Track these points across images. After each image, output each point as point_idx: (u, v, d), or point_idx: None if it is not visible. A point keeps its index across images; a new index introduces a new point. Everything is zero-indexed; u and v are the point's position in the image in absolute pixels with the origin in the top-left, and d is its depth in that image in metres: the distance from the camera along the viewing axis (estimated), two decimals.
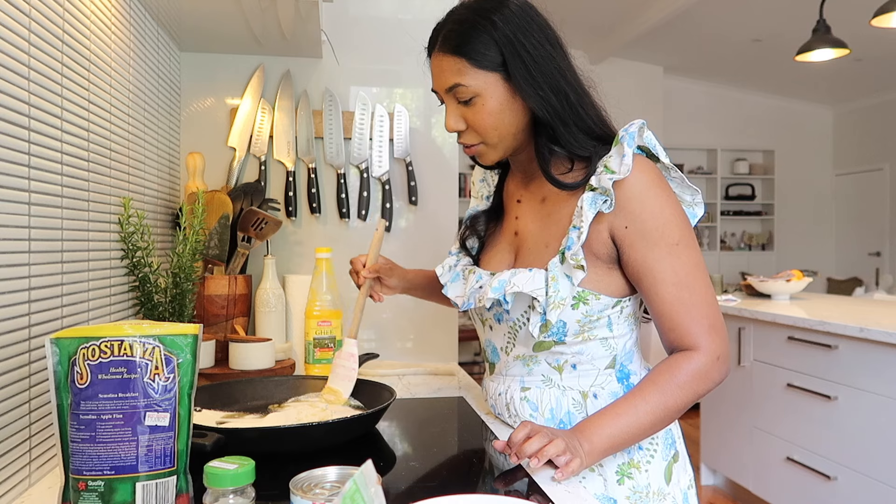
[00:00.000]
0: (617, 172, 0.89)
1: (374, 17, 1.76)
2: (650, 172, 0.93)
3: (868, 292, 5.54)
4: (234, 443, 0.87)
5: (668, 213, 0.92)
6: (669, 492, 0.99)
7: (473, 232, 1.13)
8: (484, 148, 1.00)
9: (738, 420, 3.06)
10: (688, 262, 0.92)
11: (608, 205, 0.90)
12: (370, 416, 0.98)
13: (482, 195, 1.18)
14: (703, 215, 1.00)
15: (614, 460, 0.97)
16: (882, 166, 7.43)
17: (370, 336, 1.76)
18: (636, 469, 0.97)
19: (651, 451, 0.99)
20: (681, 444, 1.04)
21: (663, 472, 0.99)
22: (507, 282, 0.95)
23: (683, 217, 0.94)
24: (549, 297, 0.92)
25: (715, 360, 0.92)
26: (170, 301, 1.33)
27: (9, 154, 0.79)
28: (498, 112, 0.95)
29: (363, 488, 0.52)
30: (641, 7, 5.57)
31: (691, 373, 0.92)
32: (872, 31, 3.95)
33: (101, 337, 0.67)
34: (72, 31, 0.98)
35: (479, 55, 0.93)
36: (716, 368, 0.93)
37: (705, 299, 0.93)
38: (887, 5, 2.99)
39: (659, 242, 0.91)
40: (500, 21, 0.92)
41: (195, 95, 1.69)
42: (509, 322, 1.00)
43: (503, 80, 0.94)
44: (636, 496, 0.97)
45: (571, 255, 0.91)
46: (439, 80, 0.98)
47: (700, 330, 0.92)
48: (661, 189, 0.93)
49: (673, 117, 7.40)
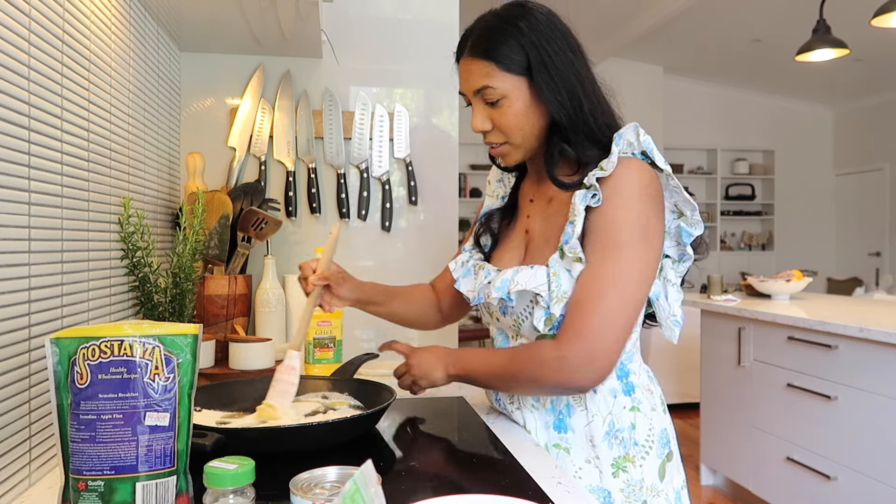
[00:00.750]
0: (605, 170, 0.94)
1: (374, 17, 1.76)
2: (636, 174, 0.95)
3: (868, 292, 5.54)
4: (233, 443, 0.87)
5: (627, 215, 0.94)
6: (663, 489, 1.02)
7: (487, 229, 1.17)
8: (508, 148, 1.04)
9: (737, 420, 3.06)
10: (614, 267, 0.93)
11: (596, 199, 0.94)
12: (370, 416, 0.98)
13: (497, 195, 1.22)
14: (702, 233, 1.01)
15: (610, 453, 1.00)
16: (882, 166, 7.43)
17: (369, 336, 1.76)
18: (631, 463, 1.00)
19: (646, 448, 1.02)
20: (674, 445, 1.07)
21: (657, 470, 1.02)
22: (511, 280, 0.99)
23: (642, 226, 0.94)
24: (551, 291, 0.96)
25: (558, 358, 0.92)
26: (170, 301, 1.33)
27: (9, 154, 0.79)
28: (523, 114, 1.00)
29: (363, 488, 0.52)
30: (641, 7, 5.57)
31: (536, 355, 0.96)
32: (872, 31, 3.95)
33: (101, 337, 0.67)
34: (72, 31, 0.98)
35: (507, 59, 0.98)
36: (555, 366, 0.93)
37: (599, 307, 0.92)
38: (887, 5, 2.99)
39: (603, 237, 0.94)
40: (526, 28, 0.97)
41: (195, 95, 1.69)
42: (513, 316, 1.04)
43: (528, 83, 0.99)
44: (629, 489, 1.00)
45: (569, 249, 0.94)
46: (468, 82, 1.02)
47: (570, 327, 0.93)
48: (635, 191, 0.94)
49: (673, 117, 7.40)
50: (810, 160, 8.10)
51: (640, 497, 1.00)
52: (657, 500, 1.01)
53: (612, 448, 1.00)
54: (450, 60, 1.09)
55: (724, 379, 3.16)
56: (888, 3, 2.99)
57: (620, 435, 1.01)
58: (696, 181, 7.93)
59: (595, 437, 1.01)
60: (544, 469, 0.88)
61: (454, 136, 1.80)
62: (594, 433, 1.01)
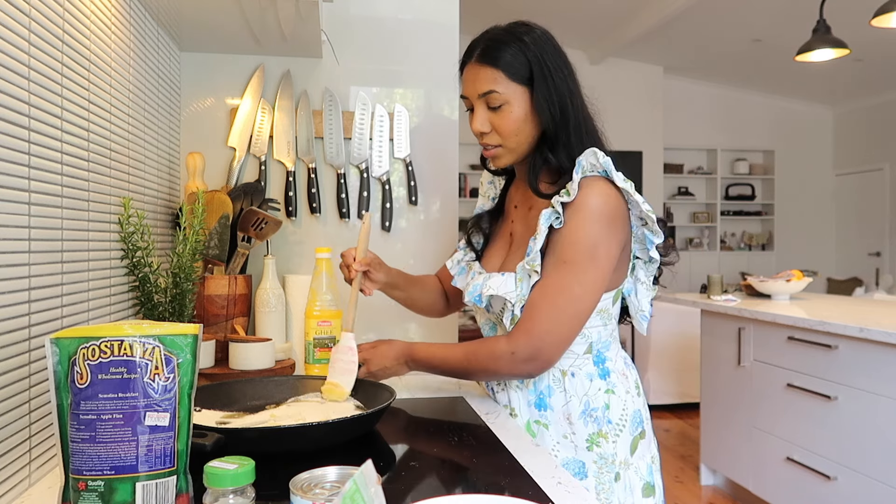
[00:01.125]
0: (569, 195, 1.05)
1: (374, 17, 1.76)
2: (594, 197, 1.05)
3: (868, 292, 5.54)
4: (234, 443, 0.87)
5: (578, 234, 1.05)
6: (633, 462, 1.13)
7: (478, 230, 1.28)
8: (502, 150, 1.13)
9: (737, 420, 3.06)
10: (561, 280, 1.05)
11: (559, 222, 1.06)
12: (370, 416, 0.98)
13: (489, 195, 1.32)
14: (663, 241, 1.11)
15: (585, 430, 1.11)
16: (882, 166, 7.43)
17: (370, 337, 1.76)
18: (604, 439, 1.11)
19: (620, 426, 1.12)
20: (648, 426, 1.18)
21: (629, 445, 1.13)
22: (483, 284, 1.13)
23: (590, 247, 1.05)
24: (519, 295, 1.09)
25: (510, 352, 1.07)
26: (170, 301, 1.33)
27: (9, 154, 0.79)
28: (521, 120, 1.09)
29: (363, 488, 0.52)
30: (641, 7, 5.57)
31: (490, 349, 1.10)
32: (872, 31, 3.95)
33: (101, 337, 0.67)
34: (72, 31, 0.98)
35: (513, 69, 1.07)
36: (507, 359, 1.07)
37: (547, 311, 1.05)
38: (887, 5, 2.99)
39: (557, 252, 1.06)
40: (531, 42, 1.08)
41: (195, 95, 1.69)
42: (493, 313, 1.17)
43: (529, 93, 1.08)
44: (602, 461, 1.11)
45: (528, 261, 1.08)
46: (473, 86, 1.11)
47: (520, 326, 1.07)
48: (591, 214, 1.05)
49: (673, 117, 7.41)
50: (810, 160, 8.10)
51: (613, 469, 1.11)
52: (628, 472, 1.12)
53: (587, 425, 1.11)
54: (450, 60, 1.12)
55: (724, 379, 3.16)
56: (888, 3, 2.99)
57: (595, 414, 1.12)
58: (696, 181, 7.93)
59: (572, 415, 1.12)
60: (544, 469, 0.88)
61: (454, 136, 1.80)
62: (571, 412, 1.12)
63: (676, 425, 4.47)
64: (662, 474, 1.21)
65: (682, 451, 3.94)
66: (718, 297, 3.22)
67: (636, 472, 1.13)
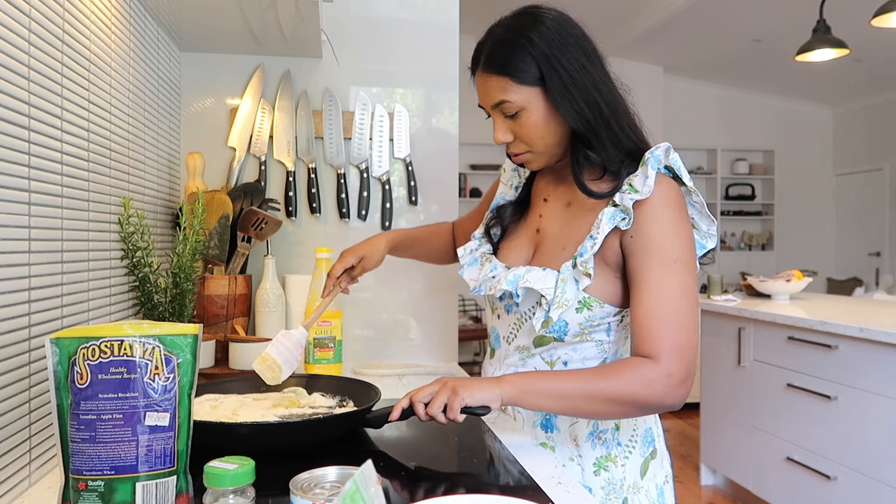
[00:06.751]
0: (639, 192, 0.95)
1: (374, 17, 1.76)
2: (669, 192, 0.97)
3: (868, 292, 5.53)
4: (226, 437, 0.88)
5: (673, 230, 0.96)
6: (643, 486, 1.05)
7: (499, 221, 1.18)
8: (532, 156, 1.05)
9: (737, 420, 3.06)
10: (678, 280, 0.94)
11: (626, 222, 0.96)
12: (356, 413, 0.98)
13: (511, 184, 1.22)
14: (715, 248, 1.03)
15: (593, 453, 1.04)
16: (882, 166, 7.43)
17: (369, 335, 1.76)
18: (613, 463, 1.04)
19: (629, 448, 1.05)
20: (660, 443, 1.10)
21: (639, 468, 1.05)
22: (522, 277, 1.01)
23: (689, 240, 0.97)
24: (555, 296, 0.98)
25: (666, 375, 0.91)
26: (170, 301, 1.33)
27: (9, 154, 0.79)
28: (543, 123, 1.00)
29: (363, 488, 0.52)
30: (641, 7, 5.57)
31: (637, 373, 0.91)
32: (872, 31, 3.95)
33: (101, 337, 0.67)
34: (72, 31, 0.98)
35: (520, 72, 0.98)
36: (663, 383, 0.90)
37: (682, 320, 0.93)
38: (887, 5, 2.99)
39: (656, 255, 0.95)
40: (536, 38, 0.97)
41: (195, 95, 1.69)
42: (517, 314, 1.07)
43: (544, 93, 0.99)
44: (610, 487, 1.04)
45: (582, 262, 0.96)
46: (486, 97, 1.03)
47: (664, 344, 0.91)
48: (674, 208, 0.97)
49: (673, 117, 7.40)
50: (810, 160, 8.09)
51: (621, 495, 1.04)
52: (637, 497, 1.04)
53: (594, 448, 1.04)
54: (450, 60, 1.10)
55: (724, 379, 3.16)
56: (888, 3, 2.99)
57: (604, 436, 1.05)
58: (697, 181, 7.92)
59: (579, 437, 1.05)
60: (544, 469, 0.88)
61: (454, 136, 1.80)
62: (578, 433, 1.05)
63: (676, 425, 4.47)
64: (676, 492, 1.13)
65: (682, 451, 3.94)
66: (718, 297, 3.22)
67: (646, 495, 1.05)
